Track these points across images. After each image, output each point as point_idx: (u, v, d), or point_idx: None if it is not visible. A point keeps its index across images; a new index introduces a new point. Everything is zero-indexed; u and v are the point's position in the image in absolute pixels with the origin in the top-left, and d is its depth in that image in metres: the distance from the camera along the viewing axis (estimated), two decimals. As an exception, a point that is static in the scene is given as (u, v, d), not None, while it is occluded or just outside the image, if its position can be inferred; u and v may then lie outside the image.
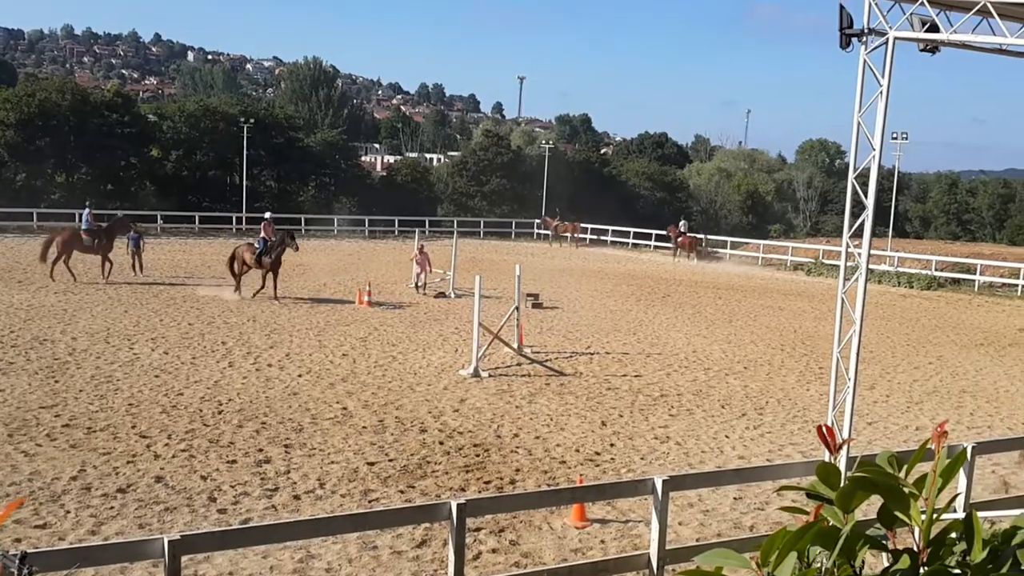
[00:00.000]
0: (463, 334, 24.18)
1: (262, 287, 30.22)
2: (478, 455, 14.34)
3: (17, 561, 3.19)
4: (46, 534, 10.38)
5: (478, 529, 10.94)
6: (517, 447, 14.89)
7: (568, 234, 63.23)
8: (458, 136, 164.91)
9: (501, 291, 32.73)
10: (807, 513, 2.28)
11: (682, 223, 57.65)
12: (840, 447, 2.46)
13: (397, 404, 17.25)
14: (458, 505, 7.92)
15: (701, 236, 58.20)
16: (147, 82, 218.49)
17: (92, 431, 14.54)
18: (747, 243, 62.97)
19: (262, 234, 30.59)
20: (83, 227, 34.17)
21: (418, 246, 34.55)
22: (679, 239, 55.64)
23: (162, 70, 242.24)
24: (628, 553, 10.05)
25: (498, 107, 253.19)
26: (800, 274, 51.16)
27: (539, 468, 13.87)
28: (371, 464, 13.60)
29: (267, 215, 33.92)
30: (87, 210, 35.51)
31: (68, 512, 11.09)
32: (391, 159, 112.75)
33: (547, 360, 22.20)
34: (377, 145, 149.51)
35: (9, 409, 15.54)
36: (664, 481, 8.82)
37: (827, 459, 2.41)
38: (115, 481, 12.28)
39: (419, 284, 33.83)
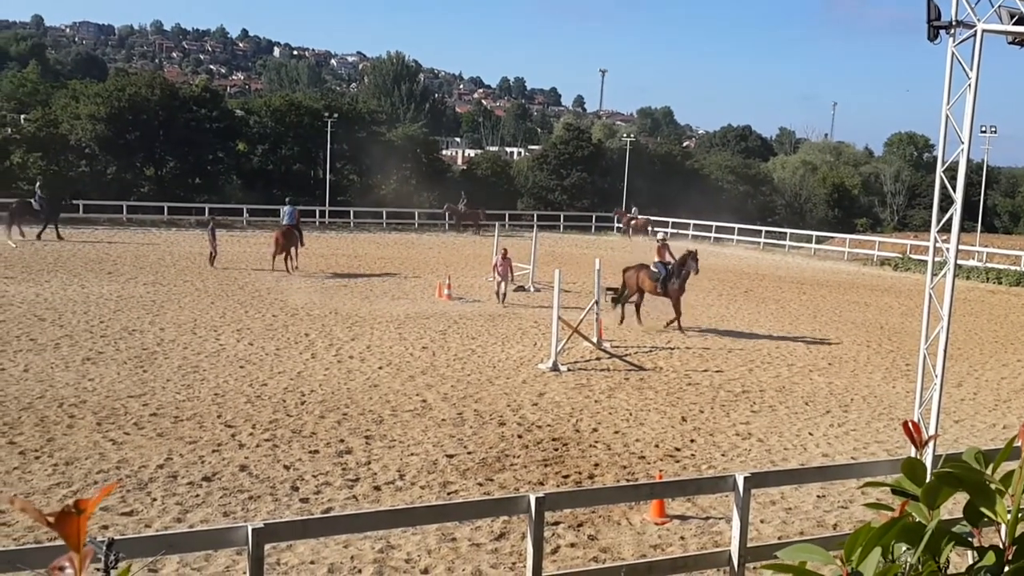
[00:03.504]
0: (542, 328, 24.19)
1: (675, 318, 25.88)
2: (556, 449, 14.33)
3: (105, 547, 3.26)
4: (133, 521, 10.62)
5: (556, 523, 10.93)
6: (596, 442, 14.85)
7: (470, 222, 62.76)
8: (539, 130, 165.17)
9: (580, 285, 32.68)
10: (892, 510, 2.24)
11: (633, 208, 66.73)
12: (926, 443, 2.40)
13: (476, 397, 17.32)
14: (537, 499, 7.91)
15: (651, 218, 65.39)
16: (234, 77, 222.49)
17: (179, 420, 14.85)
18: (832, 237, 62.04)
19: (656, 257, 26.93)
20: (288, 222, 35.79)
21: (501, 251, 30.76)
22: (632, 222, 64.45)
23: (249, 65, 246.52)
24: (708, 550, 9.96)
25: (579, 100, 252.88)
26: (887, 269, 50.22)
27: (618, 463, 13.81)
28: (450, 456, 13.67)
29: (660, 234, 30.07)
30: (290, 207, 37.02)
31: (154, 500, 11.33)
32: (472, 153, 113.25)
33: (627, 354, 22.10)
34: (458, 139, 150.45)
35: (98, 398, 15.95)
36: (746, 478, 8.71)
37: (913, 455, 2.36)
38: (200, 469, 12.52)
39: (500, 292, 29.98)
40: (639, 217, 65.67)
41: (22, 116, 70.07)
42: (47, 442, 13.38)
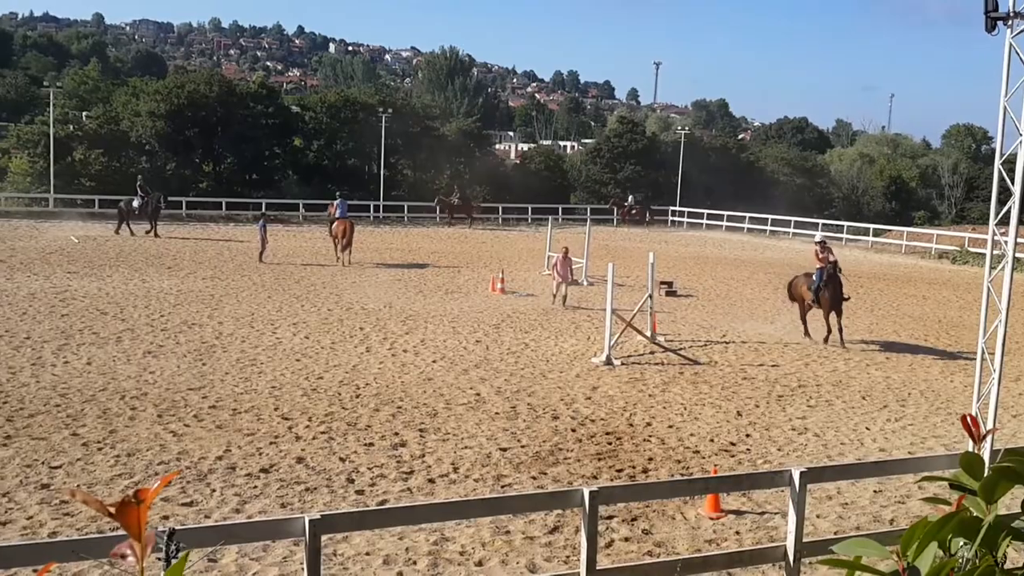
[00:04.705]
0: (595, 322, 24.15)
1: (828, 332, 23.52)
2: (610, 443, 14.32)
3: (166, 537, 3.32)
4: (193, 512, 10.79)
5: (610, 517, 10.93)
6: (650, 436, 14.81)
7: (464, 216, 61.40)
8: (592, 123, 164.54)
9: (634, 279, 32.55)
10: (949, 504, 2.23)
11: (631, 198, 67.74)
12: (984, 437, 2.38)
13: (529, 391, 17.34)
14: (590, 492, 7.91)
15: (651, 207, 68.62)
16: (290, 74, 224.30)
17: (237, 412, 15.05)
18: (890, 230, 61.20)
19: (817, 263, 23.76)
20: (341, 215, 37.05)
21: (561, 250, 28.47)
22: (632, 211, 66.11)
23: (305, 62, 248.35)
24: (764, 545, 9.90)
25: (633, 93, 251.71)
26: (945, 262, 49.46)
27: (672, 457, 13.77)
28: (504, 450, 13.71)
29: (818, 236, 26.67)
30: (340, 200, 38.50)
31: (214, 491, 11.50)
32: (525, 147, 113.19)
33: (681, 348, 22.00)
34: (511, 133, 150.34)
35: (159, 390, 16.21)
36: (802, 473, 8.64)
37: (971, 450, 2.34)
38: (258, 461, 12.68)
39: (557, 295, 27.88)
40: (637, 206, 66.58)
41: (84, 113, 71.34)
42: (109, 434, 13.64)
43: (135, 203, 44.92)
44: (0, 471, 11.84)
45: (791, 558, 8.64)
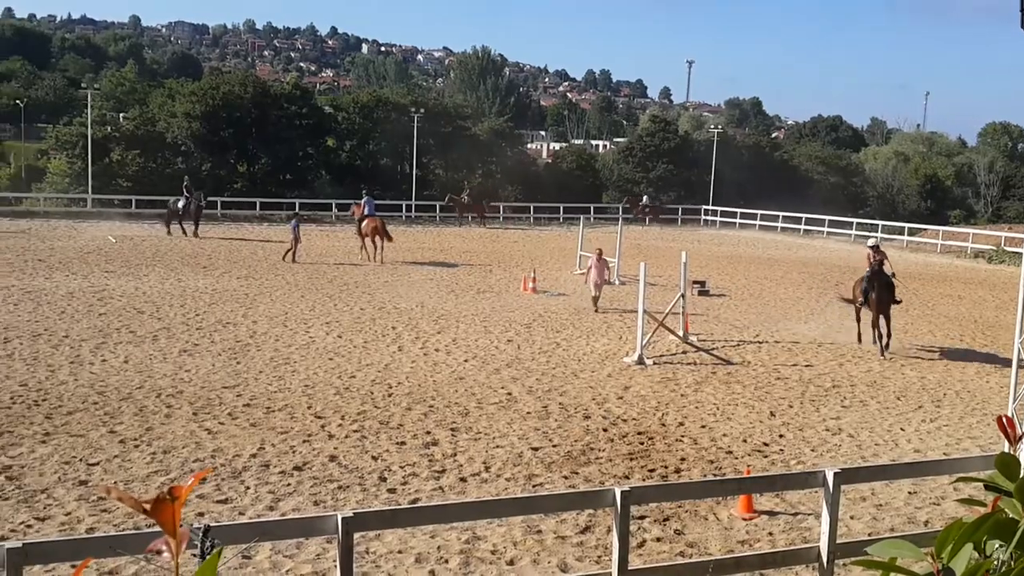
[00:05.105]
0: (627, 321, 24.10)
1: (881, 339, 22.62)
2: (642, 443, 14.29)
3: (201, 534, 3.36)
4: (227, 509, 10.87)
5: (642, 517, 10.91)
6: (682, 436, 14.76)
7: (471, 214, 60.81)
8: (624, 122, 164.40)
9: (667, 278, 32.43)
10: (984, 506, 2.21)
11: (645, 197, 68.11)
12: (1020, 438, 2.37)
13: (561, 390, 17.33)
14: (622, 492, 7.89)
15: (667, 206, 69.60)
16: (324, 74, 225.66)
17: (271, 411, 15.15)
18: (925, 229, 60.66)
19: (866, 265, 23.56)
20: (369, 213, 38.11)
21: (596, 252, 27.48)
22: (646, 210, 65.86)
23: (338, 63, 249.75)
24: (797, 546, 9.84)
25: (665, 92, 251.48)
26: (980, 262, 48.95)
27: (705, 458, 13.72)
28: (535, 449, 13.71)
29: (871, 240, 25.35)
30: (367, 198, 39.49)
31: (248, 488, 11.58)
32: (557, 146, 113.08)
33: (714, 348, 21.91)
34: (543, 132, 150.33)
35: (194, 388, 16.34)
36: (836, 474, 8.58)
37: (1006, 451, 2.33)
38: (292, 459, 12.76)
39: (596, 298, 26.82)
40: (651, 206, 66.59)
41: (121, 115, 72.03)
42: (146, 431, 13.77)
43: (180, 203, 45.48)
44: (39, 468, 12.00)
45: (824, 559, 8.58)
